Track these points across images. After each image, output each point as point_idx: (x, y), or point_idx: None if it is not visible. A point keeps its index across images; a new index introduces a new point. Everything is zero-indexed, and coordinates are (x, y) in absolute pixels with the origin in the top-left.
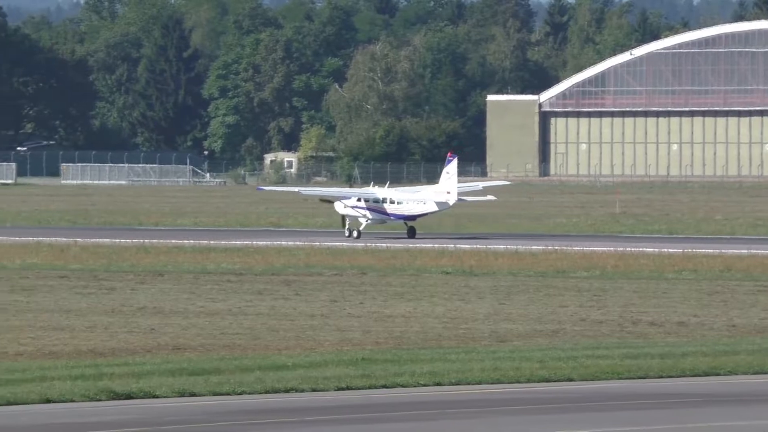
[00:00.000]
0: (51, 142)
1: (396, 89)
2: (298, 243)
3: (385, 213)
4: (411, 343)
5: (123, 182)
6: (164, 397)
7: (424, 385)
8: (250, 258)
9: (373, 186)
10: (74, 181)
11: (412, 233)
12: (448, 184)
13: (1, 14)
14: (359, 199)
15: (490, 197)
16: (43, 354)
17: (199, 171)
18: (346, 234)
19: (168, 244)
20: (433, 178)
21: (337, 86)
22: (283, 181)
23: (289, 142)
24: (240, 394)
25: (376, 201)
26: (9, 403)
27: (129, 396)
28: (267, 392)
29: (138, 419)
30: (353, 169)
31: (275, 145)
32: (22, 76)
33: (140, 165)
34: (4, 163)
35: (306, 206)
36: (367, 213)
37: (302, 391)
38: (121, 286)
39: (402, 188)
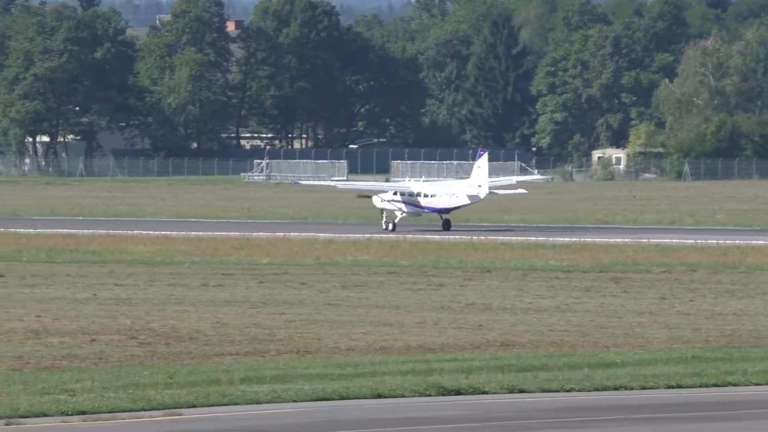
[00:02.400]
0: (381, 140)
1: (728, 84)
2: (626, 240)
3: (419, 206)
4: (743, 342)
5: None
6: (493, 393)
7: (757, 384)
8: (577, 255)
9: (409, 180)
10: (404, 179)
11: (446, 226)
12: (480, 178)
13: (334, 13)
14: (395, 193)
15: (521, 191)
16: (374, 349)
17: (527, 168)
18: (384, 227)
19: (495, 241)
20: (766, 174)
21: (667, 82)
22: (611, 177)
23: (618, 139)
24: (568, 391)
25: (411, 195)
26: (342, 398)
27: (458, 392)
28: (596, 390)
29: (467, 415)
30: (683, 165)
31: (603, 142)
32: (354, 74)
33: (469, 162)
34: (336, 161)
35: (636, 203)
36: (403, 206)
37: (631, 388)
38: (450, 282)
39: (436, 182)
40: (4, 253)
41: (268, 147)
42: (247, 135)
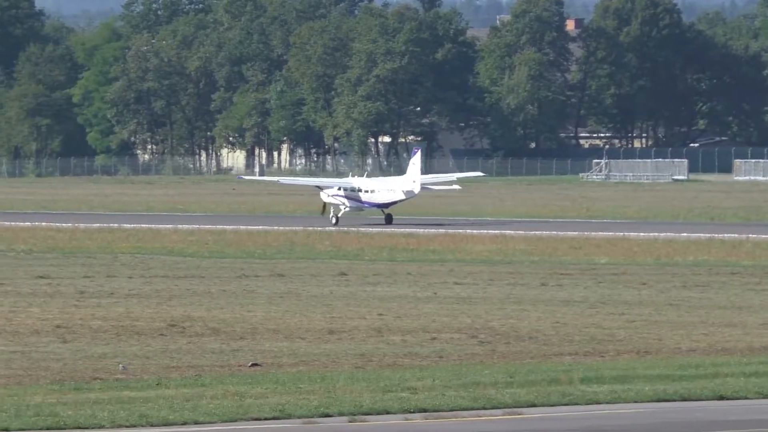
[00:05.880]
0: (723, 138)
1: None
2: None
3: (360, 201)
4: None
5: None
6: None
7: None
8: None
9: (352, 176)
10: (746, 178)
11: (389, 220)
12: (414, 174)
13: (676, 11)
14: (339, 189)
15: (455, 186)
16: (716, 350)
17: None
18: (331, 221)
19: None
20: None
21: None
22: None
23: None
24: None
25: (353, 190)
26: (683, 399)
27: None
28: None
29: None
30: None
31: None
32: (695, 72)
33: None
34: (677, 159)
35: None
36: (346, 201)
37: None
38: None
39: (376, 178)
40: (348, 252)
41: (607, 146)
42: (585, 134)
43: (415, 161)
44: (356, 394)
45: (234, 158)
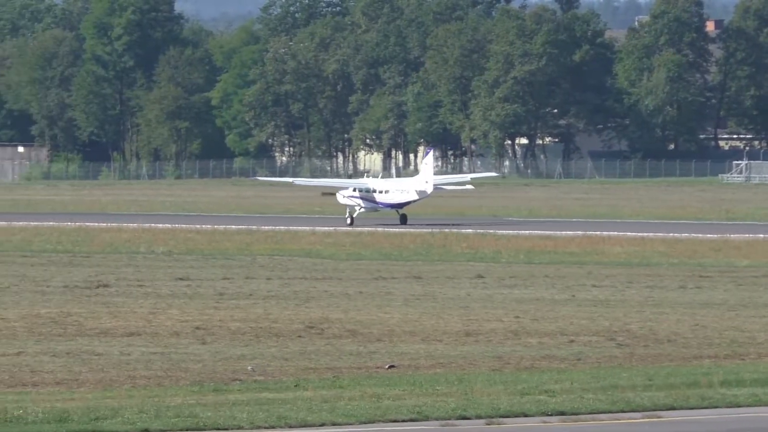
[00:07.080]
0: None
1: None
2: None
3: (375, 202)
4: None
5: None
6: None
7: None
8: None
9: (367, 177)
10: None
11: (403, 220)
12: (426, 175)
13: None
14: (354, 190)
15: (469, 186)
16: None
17: None
18: (347, 222)
19: None
20: None
21: None
22: None
23: None
24: None
25: (368, 191)
26: None
27: None
28: None
29: None
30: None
31: None
32: None
33: None
34: None
35: None
36: (361, 202)
37: None
38: None
39: (390, 179)
40: (485, 254)
41: (747, 148)
42: (725, 136)
43: (428, 162)
44: (493, 396)
45: (371, 160)
